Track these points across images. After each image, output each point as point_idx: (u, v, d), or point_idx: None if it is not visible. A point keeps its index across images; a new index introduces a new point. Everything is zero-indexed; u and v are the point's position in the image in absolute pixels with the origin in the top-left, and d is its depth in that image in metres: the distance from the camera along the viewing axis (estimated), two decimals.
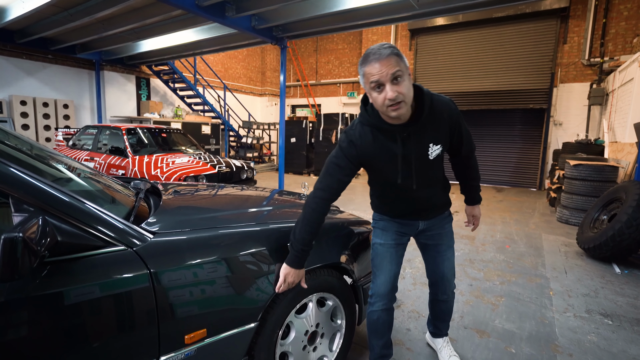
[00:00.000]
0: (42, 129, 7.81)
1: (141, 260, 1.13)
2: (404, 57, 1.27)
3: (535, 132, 9.10)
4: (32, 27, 6.43)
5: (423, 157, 1.43)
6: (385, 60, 1.21)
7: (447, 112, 1.42)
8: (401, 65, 1.24)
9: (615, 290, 2.92)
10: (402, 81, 1.24)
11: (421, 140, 1.40)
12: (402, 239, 1.69)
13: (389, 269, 1.66)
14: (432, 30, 9.93)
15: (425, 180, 1.51)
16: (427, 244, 1.73)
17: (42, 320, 0.96)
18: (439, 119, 1.41)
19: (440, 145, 1.45)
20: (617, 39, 7.82)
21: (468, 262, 3.52)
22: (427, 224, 1.67)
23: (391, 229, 1.67)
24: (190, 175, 4.68)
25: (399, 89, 1.23)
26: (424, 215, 1.65)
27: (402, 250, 1.71)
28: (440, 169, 1.57)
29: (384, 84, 1.23)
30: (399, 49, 1.27)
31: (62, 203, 1.04)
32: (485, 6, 4.82)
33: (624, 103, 6.11)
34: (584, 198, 4.97)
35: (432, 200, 1.61)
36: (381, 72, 1.21)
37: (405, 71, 1.25)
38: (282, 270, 1.39)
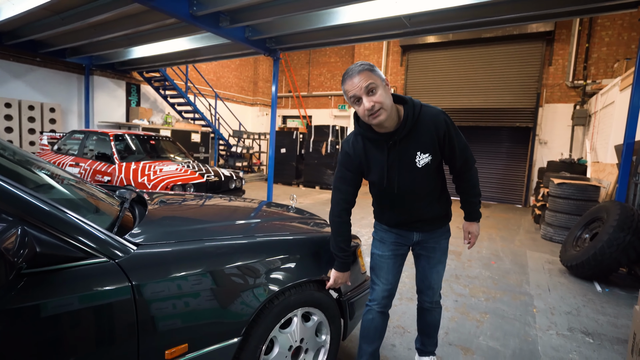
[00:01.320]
0: (26, 132, 7.64)
1: (123, 273, 1.11)
2: (377, 70, 1.39)
3: (521, 150, 9.31)
4: (21, 29, 6.35)
5: (410, 164, 1.50)
6: (357, 76, 1.35)
7: (434, 122, 1.47)
8: (374, 77, 1.35)
9: (596, 309, 2.96)
10: (376, 92, 1.35)
11: (407, 148, 1.49)
12: (400, 250, 1.72)
13: (386, 279, 1.71)
14: (423, 47, 10.17)
15: (414, 187, 1.55)
16: (421, 254, 1.76)
17: (17, 333, 0.93)
18: (427, 129, 1.47)
19: (429, 154, 1.49)
20: (599, 63, 8.14)
21: (454, 278, 3.54)
22: (422, 236, 1.70)
23: (388, 240, 1.72)
24: (178, 183, 4.63)
25: (374, 99, 1.35)
26: (418, 227, 1.67)
27: (401, 261, 1.75)
28: (435, 180, 1.59)
29: (360, 97, 1.36)
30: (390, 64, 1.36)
31: (42, 212, 1.01)
32: (474, 27, 4.97)
33: (606, 125, 6.32)
34: (567, 216, 5.07)
35: (426, 212, 1.63)
36: (355, 87, 1.35)
37: (379, 83, 1.36)
38: (333, 275, 1.66)
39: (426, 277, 1.78)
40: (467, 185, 1.68)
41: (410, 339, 2.33)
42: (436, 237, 1.71)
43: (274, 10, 4.69)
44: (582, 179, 5.38)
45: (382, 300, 1.73)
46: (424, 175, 1.53)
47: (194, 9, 4.67)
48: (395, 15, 4.59)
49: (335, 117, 12.45)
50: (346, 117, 12.21)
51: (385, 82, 1.40)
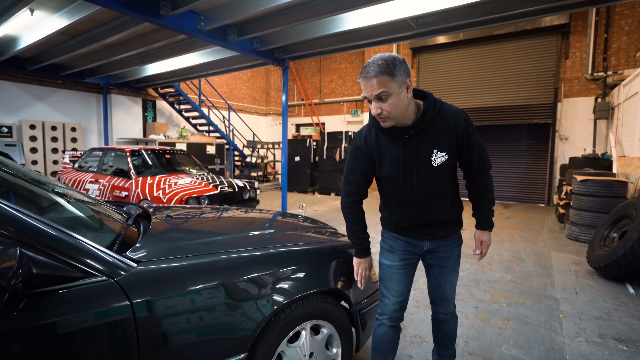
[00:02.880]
0: (50, 151, 7.96)
1: (122, 291, 1.10)
2: (397, 73, 1.29)
3: (541, 147, 9.00)
4: (42, 54, 6.65)
5: (426, 161, 1.45)
6: (369, 82, 1.31)
7: (454, 120, 1.43)
8: (389, 84, 1.29)
9: (629, 313, 2.78)
10: (386, 100, 1.32)
11: (424, 144, 1.44)
12: (410, 259, 1.64)
13: (397, 290, 1.63)
14: (433, 48, 10.05)
15: (428, 186, 1.49)
16: (432, 264, 1.67)
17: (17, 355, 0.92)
18: (445, 126, 1.43)
19: (445, 154, 1.44)
20: (620, 53, 7.81)
21: (473, 283, 3.41)
22: (433, 244, 1.61)
23: (398, 249, 1.64)
24: (193, 196, 4.68)
25: (382, 107, 1.33)
26: (429, 233, 1.58)
27: (412, 271, 1.67)
28: (449, 181, 1.54)
29: (371, 100, 1.35)
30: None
31: (40, 233, 1.01)
32: (483, 24, 4.86)
33: (630, 117, 6.03)
34: (593, 214, 4.84)
35: (438, 214, 1.55)
36: (367, 91, 1.33)
37: (393, 90, 1.30)
38: (354, 263, 1.66)
39: (439, 288, 1.68)
40: (482, 190, 1.61)
41: (428, 349, 2.24)
42: (448, 245, 1.63)
43: (280, 21, 4.73)
44: (608, 174, 5.13)
45: (393, 314, 1.65)
46: (439, 174, 1.48)
47: (202, 24, 4.76)
48: (401, 18, 4.54)
49: (348, 123, 12.42)
50: (359, 123, 12.16)
51: (405, 86, 1.32)
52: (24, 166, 1.50)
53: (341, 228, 5.55)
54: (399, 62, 1.30)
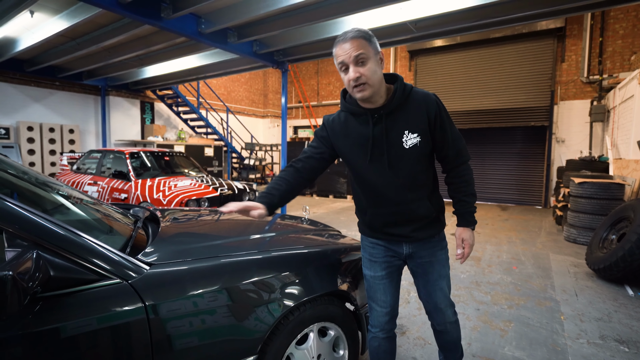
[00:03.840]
0: (47, 153, 7.91)
1: (136, 294, 1.10)
2: (374, 40, 1.30)
3: (537, 150, 9.08)
4: (41, 56, 6.63)
5: (397, 143, 1.37)
6: (348, 43, 1.26)
7: (426, 102, 1.37)
8: (367, 48, 1.26)
9: (629, 314, 2.81)
10: (366, 63, 1.26)
11: (394, 125, 1.37)
12: (392, 267, 1.55)
13: (383, 301, 1.55)
14: (431, 51, 10.12)
15: (400, 170, 1.39)
16: (417, 271, 1.56)
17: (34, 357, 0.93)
18: (416, 108, 1.37)
19: (417, 135, 1.36)
20: (615, 56, 7.92)
21: (474, 285, 3.44)
22: (414, 247, 1.50)
23: (379, 257, 1.54)
24: (193, 198, 4.68)
25: (361, 70, 1.26)
26: (407, 234, 1.47)
27: (397, 278, 1.58)
28: (424, 169, 1.43)
29: (348, 65, 1.27)
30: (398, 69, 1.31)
31: (57, 237, 1.02)
32: (481, 28, 4.92)
33: (626, 120, 6.11)
34: (591, 216, 4.89)
35: (414, 208, 1.44)
36: (345, 53, 1.26)
37: (371, 55, 1.27)
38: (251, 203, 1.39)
39: (430, 297, 1.55)
40: (460, 181, 1.48)
41: (432, 350, 2.25)
42: (430, 249, 1.51)
43: (280, 24, 4.76)
44: (605, 177, 5.19)
45: (384, 326, 1.56)
46: (412, 158, 1.38)
47: (202, 27, 4.78)
48: (400, 22, 4.59)
49: None
50: None
51: (379, 56, 1.31)
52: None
53: (342, 230, 5.57)
54: (373, 35, 1.32)
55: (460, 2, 4.07)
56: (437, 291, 1.54)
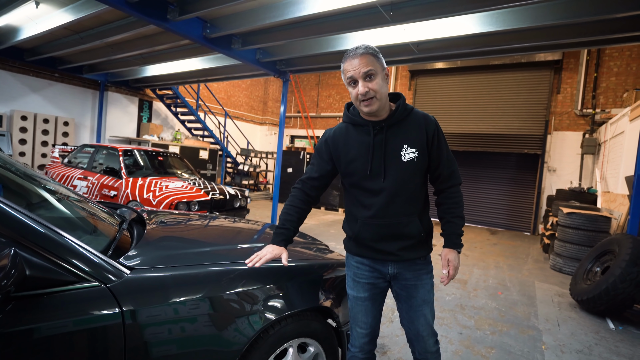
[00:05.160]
0: (39, 144, 7.81)
1: (114, 298, 1.08)
2: (380, 57, 1.37)
3: (529, 177, 9.21)
4: (42, 46, 6.60)
5: (395, 155, 1.41)
6: (358, 59, 1.32)
7: (424, 120, 1.45)
8: (375, 65, 1.33)
9: (609, 348, 2.82)
10: (374, 79, 1.33)
11: (395, 138, 1.43)
12: (376, 289, 1.53)
13: (364, 322, 1.54)
14: (431, 72, 10.30)
15: (396, 181, 1.41)
16: (400, 295, 1.53)
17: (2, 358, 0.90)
18: (416, 124, 1.44)
19: (415, 150, 1.41)
20: (608, 92, 8.13)
21: (459, 308, 3.43)
22: (399, 268, 1.48)
23: (362, 278, 1.53)
24: (183, 201, 4.64)
25: (370, 85, 1.33)
26: (393, 252, 1.45)
27: (380, 300, 1.56)
28: (418, 186, 1.45)
29: (357, 80, 1.34)
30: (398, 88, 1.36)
31: (36, 234, 1.00)
32: (481, 55, 5.03)
33: (616, 154, 6.24)
34: (577, 247, 4.94)
35: (404, 224, 1.43)
36: (354, 69, 1.33)
37: (379, 71, 1.34)
38: (267, 247, 1.48)
39: (412, 323, 1.52)
40: (451, 202, 1.50)
41: None
42: (415, 271, 1.49)
43: (284, 34, 4.81)
44: (593, 209, 5.26)
45: (364, 347, 1.56)
46: (408, 172, 1.41)
47: (208, 31, 4.81)
48: (403, 42, 4.67)
49: None
50: None
51: (385, 72, 1.39)
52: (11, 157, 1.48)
53: (330, 243, 5.54)
54: (379, 52, 1.38)
55: (462, 28, 4.16)
56: (420, 318, 1.50)
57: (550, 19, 3.66)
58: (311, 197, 1.58)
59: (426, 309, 1.51)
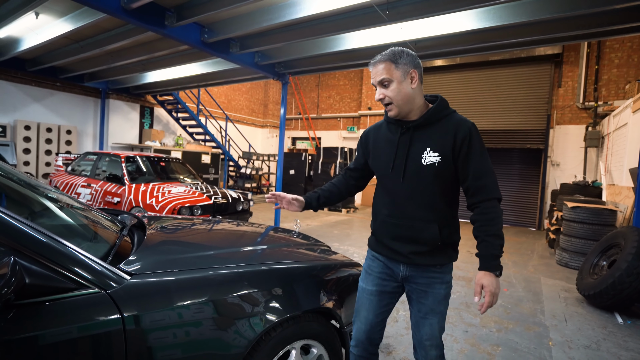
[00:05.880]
0: (43, 153, 7.88)
1: (114, 304, 1.08)
2: (400, 62, 1.36)
3: (533, 172, 9.15)
4: (43, 56, 6.66)
5: (416, 157, 1.40)
6: (375, 68, 1.40)
7: (457, 126, 1.38)
8: (391, 72, 1.36)
9: (618, 343, 2.79)
10: (389, 86, 1.38)
11: (419, 140, 1.42)
12: (386, 286, 1.51)
13: (365, 317, 1.53)
14: (430, 70, 10.27)
15: (413, 183, 1.40)
16: (411, 297, 1.51)
17: None
18: (447, 129, 1.38)
19: (438, 155, 1.36)
20: (610, 84, 8.07)
21: (464, 306, 3.41)
22: (411, 271, 1.45)
23: (374, 271, 1.53)
24: (185, 205, 4.65)
25: (385, 92, 1.39)
26: (406, 254, 1.43)
27: (388, 300, 1.53)
28: (438, 191, 1.39)
29: (376, 86, 1.42)
30: None
31: (35, 242, 1.01)
32: (480, 51, 5.01)
33: (620, 147, 6.19)
34: (583, 241, 4.90)
35: (420, 227, 1.40)
36: (373, 77, 1.41)
37: (396, 77, 1.37)
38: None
39: (417, 329, 1.47)
40: (483, 219, 1.35)
41: None
42: (428, 277, 1.44)
43: (282, 37, 4.82)
44: (598, 202, 5.22)
45: (359, 343, 1.56)
46: (427, 176, 1.37)
47: (205, 36, 4.83)
48: (401, 41, 4.66)
49: (344, 139, 12.52)
50: (355, 139, 12.27)
51: (409, 76, 1.37)
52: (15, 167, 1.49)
53: (334, 244, 5.54)
54: (406, 54, 1.37)
55: (460, 25, 4.15)
56: (425, 326, 1.45)
57: (548, 12, 3.64)
58: (350, 184, 1.70)
59: (433, 318, 1.44)
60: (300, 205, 1.64)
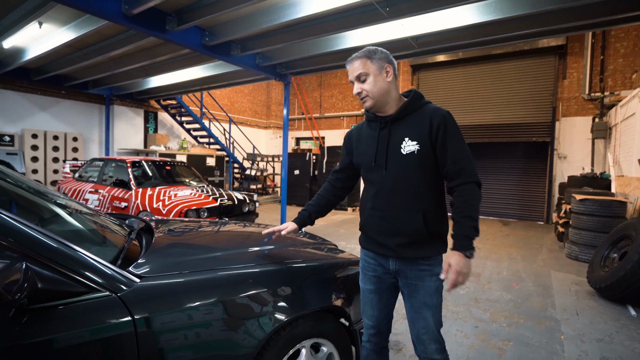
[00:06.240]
0: (50, 161, 7.97)
1: (125, 307, 1.09)
2: (375, 57, 1.44)
3: (539, 165, 9.07)
4: (48, 65, 6.74)
5: (396, 148, 1.45)
6: (352, 64, 1.47)
7: (432, 115, 1.42)
8: (367, 67, 1.43)
9: (631, 336, 2.76)
10: (366, 80, 1.44)
11: (397, 131, 1.47)
12: (382, 281, 1.54)
13: (371, 315, 1.58)
14: (433, 66, 10.22)
15: (395, 174, 1.43)
16: (403, 291, 1.52)
17: None
18: (423, 118, 1.44)
19: (416, 143, 1.40)
20: (616, 74, 7.96)
21: (473, 302, 3.39)
22: (400, 265, 1.47)
23: (368, 270, 1.57)
24: (192, 208, 4.68)
25: (362, 86, 1.45)
26: (394, 247, 1.44)
27: (388, 295, 1.56)
28: (421, 180, 1.42)
29: (354, 82, 1.48)
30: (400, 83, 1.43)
31: (46, 248, 1.02)
32: (482, 45, 4.97)
33: (628, 137, 6.11)
34: (592, 234, 4.84)
35: (405, 219, 1.41)
36: (350, 73, 1.48)
37: (372, 71, 1.43)
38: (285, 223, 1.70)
39: (413, 324, 1.48)
40: (460, 201, 1.36)
41: None
42: (417, 270, 1.44)
43: (283, 37, 4.83)
44: (606, 194, 5.16)
45: (370, 338, 1.61)
46: (408, 165, 1.41)
47: (206, 39, 4.85)
48: (402, 37, 4.64)
49: None
50: None
51: (384, 70, 1.44)
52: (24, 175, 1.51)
53: (340, 243, 5.53)
54: (380, 51, 1.45)
55: (461, 20, 4.12)
56: (419, 320, 1.46)
57: (551, 3, 3.60)
58: (336, 187, 1.74)
59: (427, 312, 1.44)
60: (295, 230, 1.69)
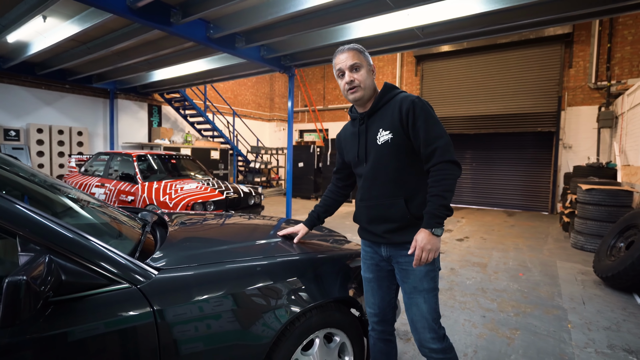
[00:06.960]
0: (56, 155, 8.02)
1: (145, 298, 1.12)
2: (366, 54, 1.53)
3: (544, 155, 9.02)
4: (52, 59, 6.74)
5: (372, 140, 1.52)
6: (345, 53, 1.49)
7: (401, 102, 1.45)
8: (361, 59, 1.49)
9: (638, 324, 2.77)
10: (359, 70, 1.48)
11: (373, 124, 1.53)
12: (380, 268, 1.59)
13: (372, 303, 1.63)
14: (437, 56, 10.12)
15: (374, 164, 1.51)
16: (398, 277, 1.55)
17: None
18: (393, 108, 1.48)
19: (389, 132, 1.46)
20: (624, 62, 7.85)
21: (480, 292, 3.41)
22: (391, 251, 1.51)
23: (366, 260, 1.64)
24: (199, 202, 4.71)
25: (355, 76, 1.47)
26: (383, 234, 1.49)
27: (387, 283, 1.60)
28: (400, 167, 1.45)
29: (345, 72, 1.49)
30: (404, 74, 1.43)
31: (68, 241, 1.04)
32: (488, 34, 4.91)
33: (635, 126, 6.05)
34: (598, 223, 4.83)
35: (388, 206, 1.47)
36: (342, 62, 1.49)
37: (364, 64, 1.49)
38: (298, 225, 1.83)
39: (407, 311, 1.50)
40: (432, 180, 1.38)
41: None
42: (407, 256, 1.44)
43: (287, 29, 4.80)
44: (613, 183, 5.13)
45: (374, 326, 1.65)
46: (384, 154, 1.46)
47: (211, 32, 4.83)
48: (407, 27, 4.60)
49: None
50: None
51: (371, 68, 1.52)
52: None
53: (347, 234, 5.57)
54: (366, 52, 1.54)
55: (467, 9, 4.07)
56: (412, 306, 1.47)
57: None
58: (339, 187, 1.83)
59: (418, 297, 1.45)
60: (306, 233, 1.83)
